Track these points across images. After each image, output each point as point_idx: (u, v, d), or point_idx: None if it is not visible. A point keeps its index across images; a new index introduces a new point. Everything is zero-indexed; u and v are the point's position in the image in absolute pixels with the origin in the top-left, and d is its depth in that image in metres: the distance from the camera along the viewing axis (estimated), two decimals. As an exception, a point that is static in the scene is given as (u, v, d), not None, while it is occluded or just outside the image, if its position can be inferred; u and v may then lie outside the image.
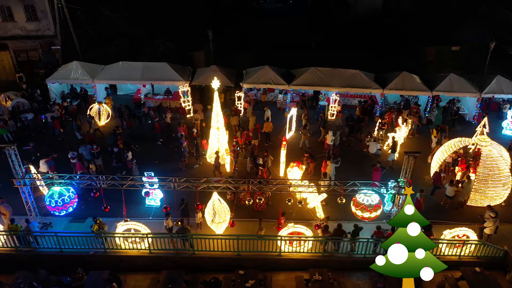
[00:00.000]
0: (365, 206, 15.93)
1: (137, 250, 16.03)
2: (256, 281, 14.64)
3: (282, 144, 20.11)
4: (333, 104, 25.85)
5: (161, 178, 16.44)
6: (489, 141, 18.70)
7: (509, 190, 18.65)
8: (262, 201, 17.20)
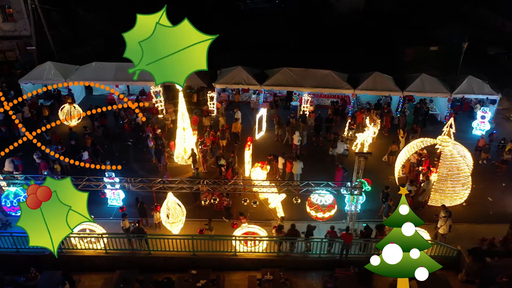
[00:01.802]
0: (318, 206, 16.03)
1: (93, 250, 16.14)
2: (207, 281, 14.75)
3: (246, 145, 20.21)
4: (305, 104, 25.92)
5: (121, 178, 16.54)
6: (449, 142, 18.81)
7: (469, 190, 18.78)
8: (217, 201, 17.30)
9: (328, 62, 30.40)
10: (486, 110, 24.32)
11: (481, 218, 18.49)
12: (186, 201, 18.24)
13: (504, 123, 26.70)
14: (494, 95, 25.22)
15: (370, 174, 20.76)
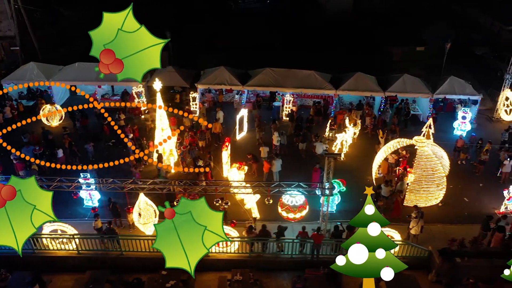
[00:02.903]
0: (289, 207, 16.07)
1: (65, 250, 16.17)
2: (177, 281, 14.77)
3: (224, 145, 20.25)
4: (287, 105, 25.96)
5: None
6: (425, 142, 18.86)
7: (444, 191, 18.86)
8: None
9: (314, 62, 30.45)
10: (467, 111, 24.35)
11: (456, 218, 18.54)
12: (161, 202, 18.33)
13: (486, 123, 26.76)
14: (476, 96, 25.25)
15: (350, 174, 20.94)
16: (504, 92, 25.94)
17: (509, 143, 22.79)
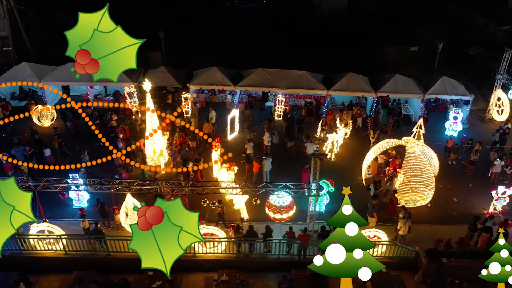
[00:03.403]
0: (276, 207, 16.08)
1: (52, 251, 16.19)
2: (163, 282, 14.79)
3: (213, 146, 20.25)
4: (279, 105, 25.97)
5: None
6: (414, 142, 18.88)
7: (433, 191, 18.88)
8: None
9: (308, 63, 30.47)
10: (458, 111, 24.35)
11: (445, 219, 18.54)
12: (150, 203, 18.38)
13: (478, 123, 26.77)
14: (467, 96, 25.24)
15: (341, 174, 20.94)
16: (495, 92, 25.93)
17: (500, 144, 22.82)
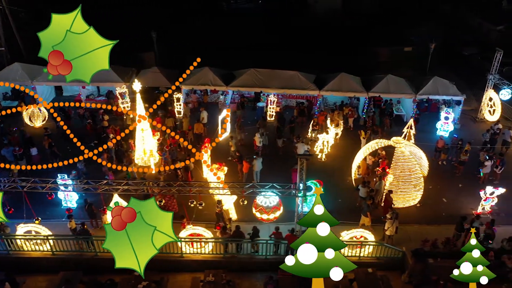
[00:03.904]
0: (263, 208, 16.09)
1: (40, 251, 16.20)
2: (149, 282, 14.80)
3: (203, 146, 20.25)
4: (271, 105, 25.98)
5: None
6: (403, 143, 18.88)
7: (421, 192, 18.90)
8: (162, 202, 17.34)
9: (302, 63, 30.52)
10: (450, 111, 24.38)
11: (433, 219, 18.53)
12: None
13: (470, 124, 26.78)
14: (459, 96, 25.25)
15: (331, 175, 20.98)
16: (487, 92, 25.95)
17: (491, 144, 22.83)
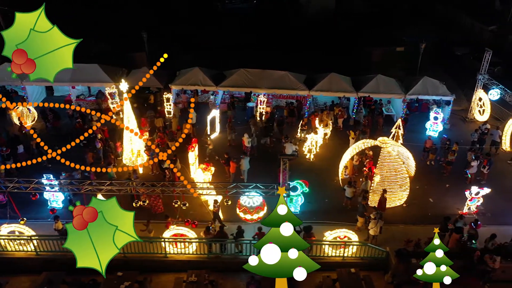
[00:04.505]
0: (246, 208, 16.08)
1: (24, 252, 16.18)
2: (131, 283, 14.78)
3: (190, 146, 20.23)
4: (260, 106, 25.98)
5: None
6: (389, 143, 18.88)
7: (407, 192, 18.90)
8: (146, 203, 17.33)
9: (294, 63, 30.59)
10: (439, 111, 24.39)
11: (419, 219, 18.53)
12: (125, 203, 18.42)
13: (460, 123, 26.81)
14: (448, 96, 25.25)
15: (319, 175, 21.01)
16: (477, 92, 25.96)
17: (479, 144, 22.85)
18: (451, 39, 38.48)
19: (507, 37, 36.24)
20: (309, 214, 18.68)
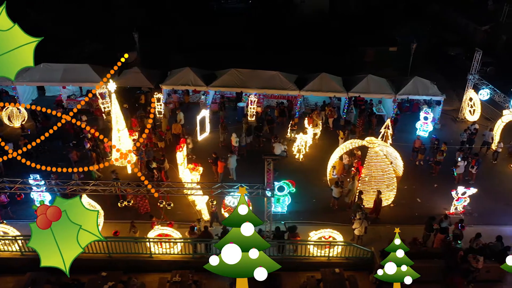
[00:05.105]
0: (231, 208, 16.06)
1: (9, 252, 16.17)
2: (115, 283, 14.77)
3: (179, 146, 20.22)
4: (251, 106, 25.97)
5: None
6: (376, 143, 18.88)
7: (394, 192, 18.90)
8: (131, 203, 17.34)
9: (287, 63, 30.65)
10: (429, 111, 24.39)
11: (406, 219, 18.45)
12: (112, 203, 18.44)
13: (451, 123, 26.81)
14: (439, 96, 25.26)
15: (307, 175, 21.01)
16: (467, 92, 25.96)
17: (468, 144, 22.85)
18: (445, 39, 38.48)
19: (500, 37, 36.25)
20: (296, 214, 18.70)
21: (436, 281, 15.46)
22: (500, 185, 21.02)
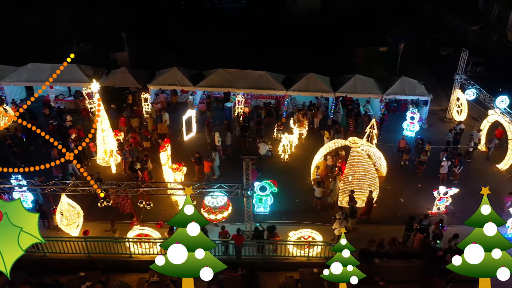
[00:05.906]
0: (210, 208, 16.05)
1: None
2: (92, 283, 14.76)
3: (162, 146, 20.19)
4: (238, 106, 25.95)
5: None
6: (359, 143, 18.85)
7: (377, 191, 18.86)
8: (110, 203, 17.31)
9: (277, 62, 30.65)
10: (415, 111, 24.37)
11: (388, 219, 18.49)
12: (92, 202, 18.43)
13: (439, 123, 26.79)
14: (426, 96, 25.24)
15: (291, 175, 21.00)
16: (455, 92, 25.95)
17: (454, 144, 22.83)
18: (437, 39, 38.49)
19: (491, 37, 36.25)
20: (279, 214, 18.68)
21: (415, 281, 15.50)
22: (484, 185, 20.91)
